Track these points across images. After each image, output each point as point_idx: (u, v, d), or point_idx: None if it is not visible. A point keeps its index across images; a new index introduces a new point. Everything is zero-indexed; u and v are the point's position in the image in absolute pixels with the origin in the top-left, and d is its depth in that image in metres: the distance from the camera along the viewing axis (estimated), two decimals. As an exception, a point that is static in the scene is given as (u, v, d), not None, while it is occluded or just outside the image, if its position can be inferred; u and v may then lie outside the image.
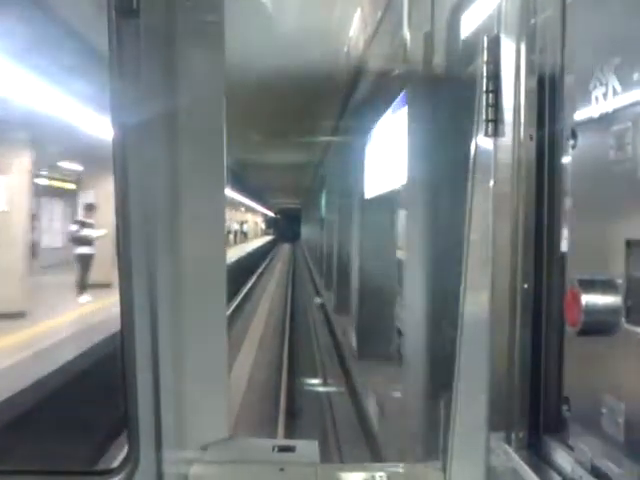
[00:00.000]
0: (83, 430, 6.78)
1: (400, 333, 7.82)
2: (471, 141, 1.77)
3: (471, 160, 1.76)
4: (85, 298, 14.14)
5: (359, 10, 7.64)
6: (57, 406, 7.46)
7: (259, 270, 35.02)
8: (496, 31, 1.70)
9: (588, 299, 1.30)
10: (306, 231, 51.59)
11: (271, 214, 75.65)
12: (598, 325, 1.30)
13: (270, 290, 27.61)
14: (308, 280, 28.31)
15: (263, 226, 78.55)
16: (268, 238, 71.23)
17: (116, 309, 1.82)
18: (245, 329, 16.62)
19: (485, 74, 1.68)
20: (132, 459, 1.79)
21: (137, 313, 1.75)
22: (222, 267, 2.05)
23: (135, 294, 1.77)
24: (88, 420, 6.91)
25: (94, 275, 14.48)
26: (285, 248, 64.13)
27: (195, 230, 1.92)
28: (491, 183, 1.69)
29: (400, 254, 7.35)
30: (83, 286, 14.36)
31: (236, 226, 49.22)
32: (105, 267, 14.45)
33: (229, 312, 13.53)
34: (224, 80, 1.97)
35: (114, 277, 1.91)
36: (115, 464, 1.89)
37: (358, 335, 10.27)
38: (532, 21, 1.65)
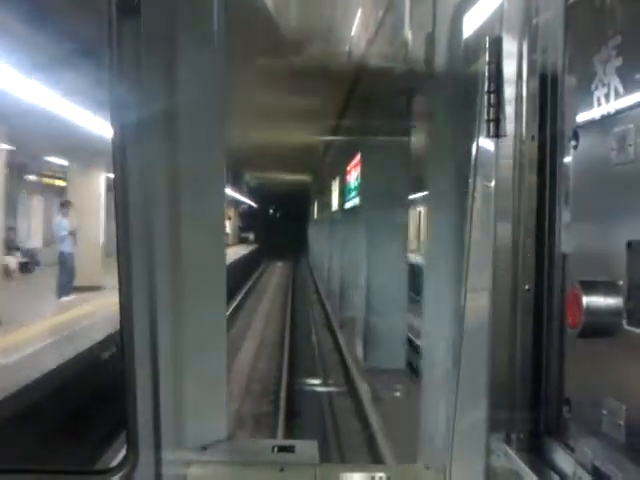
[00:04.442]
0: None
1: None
2: (472, 142, 1.77)
3: (472, 160, 1.76)
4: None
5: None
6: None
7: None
8: (498, 31, 1.69)
9: (589, 300, 1.30)
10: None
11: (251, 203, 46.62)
12: (599, 326, 1.30)
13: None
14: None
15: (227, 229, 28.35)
16: (240, 253, 32.95)
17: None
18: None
19: (487, 74, 1.67)
20: (130, 459, 1.79)
21: (136, 313, 1.75)
22: (222, 268, 2.05)
23: (134, 294, 1.76)
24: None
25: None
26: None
27: (194, 229, 1.92)
28: (492, 183, 1.68)
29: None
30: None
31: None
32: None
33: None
34: (224, 79, 1.97)
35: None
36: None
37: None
38: (534, 21, 1.64)
